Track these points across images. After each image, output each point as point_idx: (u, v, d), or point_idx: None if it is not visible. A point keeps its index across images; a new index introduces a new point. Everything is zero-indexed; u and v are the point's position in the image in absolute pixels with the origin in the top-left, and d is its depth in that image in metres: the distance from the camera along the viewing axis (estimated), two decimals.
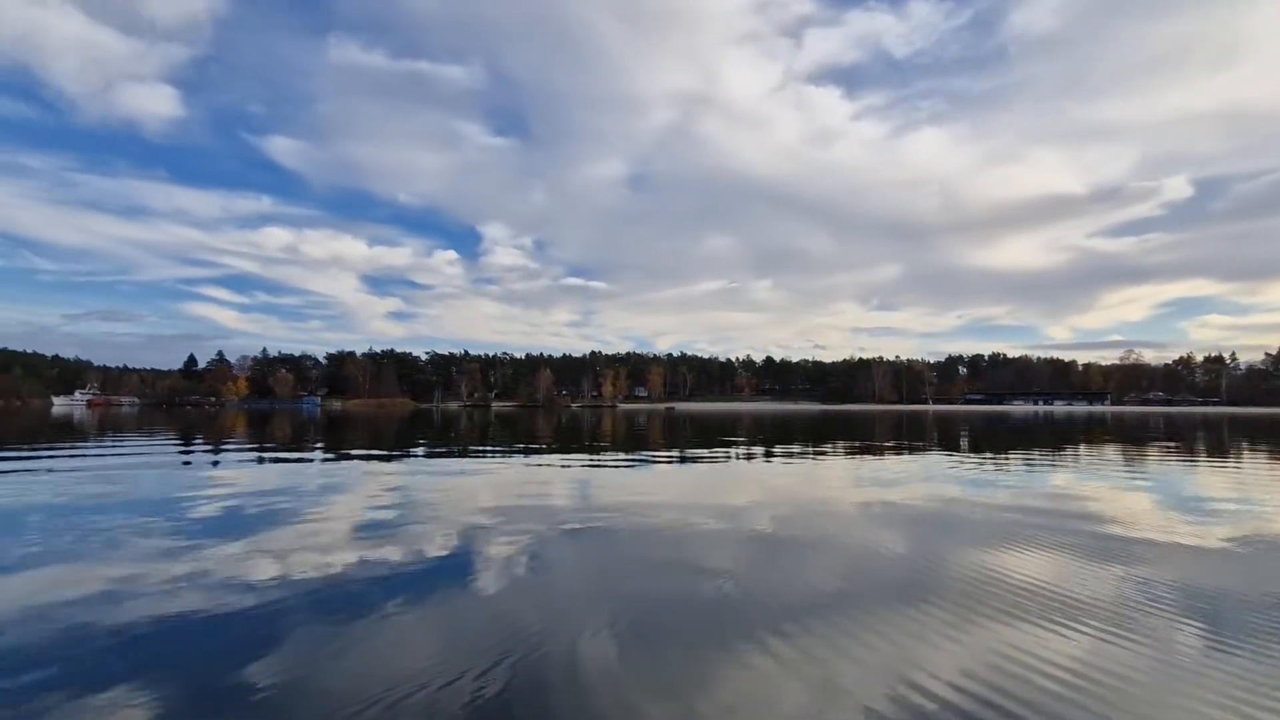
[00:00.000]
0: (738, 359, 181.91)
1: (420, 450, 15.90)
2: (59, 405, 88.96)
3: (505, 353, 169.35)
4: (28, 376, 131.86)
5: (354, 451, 15.24)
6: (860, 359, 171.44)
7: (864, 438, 22.24)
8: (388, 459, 13.26)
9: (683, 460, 13.16)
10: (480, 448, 16.65)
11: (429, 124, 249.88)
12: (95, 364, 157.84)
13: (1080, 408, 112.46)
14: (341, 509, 6.88)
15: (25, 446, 15.96)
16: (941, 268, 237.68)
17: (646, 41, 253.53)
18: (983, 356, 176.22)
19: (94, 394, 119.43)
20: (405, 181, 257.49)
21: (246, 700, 2.55)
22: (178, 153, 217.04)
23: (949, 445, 18.20)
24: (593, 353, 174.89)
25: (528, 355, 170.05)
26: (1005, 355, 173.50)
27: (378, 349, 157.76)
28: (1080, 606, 3.66)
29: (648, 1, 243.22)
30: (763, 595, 3.85)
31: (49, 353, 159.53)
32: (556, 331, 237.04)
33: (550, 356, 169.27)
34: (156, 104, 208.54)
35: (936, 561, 4.69)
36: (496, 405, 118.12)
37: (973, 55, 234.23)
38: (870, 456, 14.20)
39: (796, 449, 16.35)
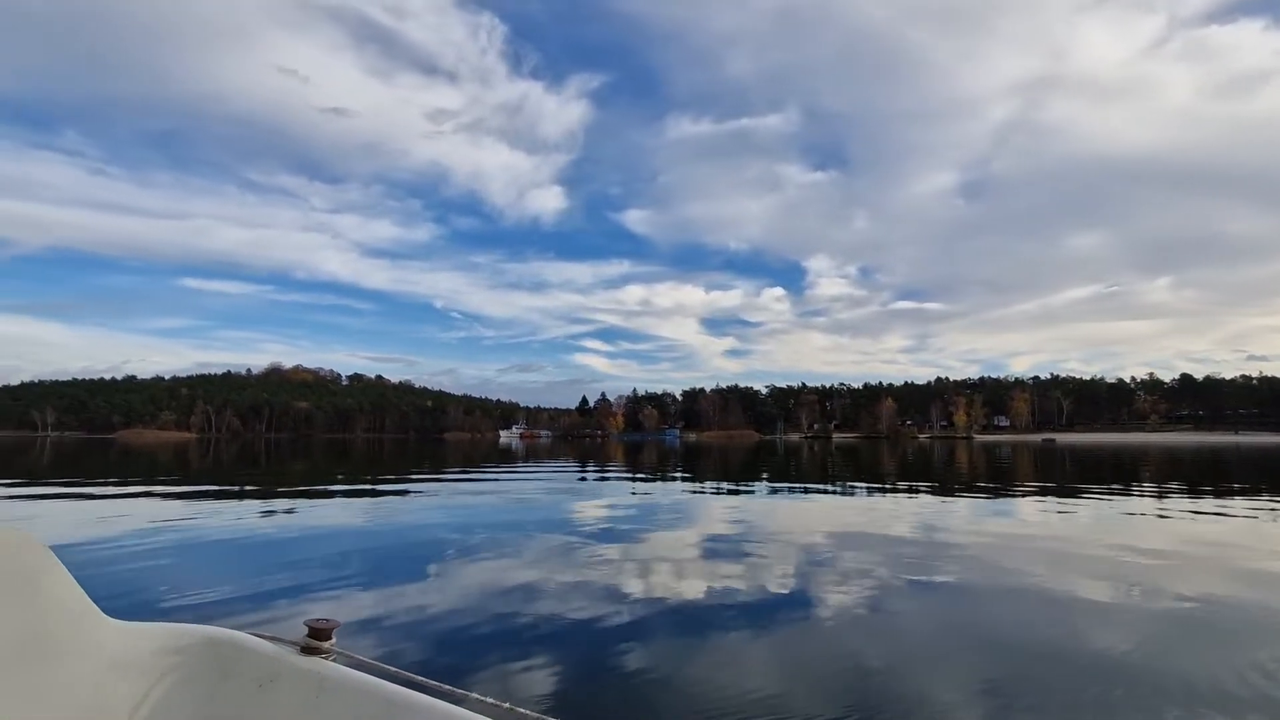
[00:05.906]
0: (1135, 379, 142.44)
1: (765, 478, 17.04)
2: (503, 437, 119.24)
3: (842, 383, 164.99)
4: (484, 416, 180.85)
5: (707, 475, 17.21)
6: None
7: None
8: (737, 482, 14.69)
9: (1061, 499, 11.34)
10: (822, 479, 16.96)
11: (752, 174, 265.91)
12: (520, 405, 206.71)
13: None
14: (698, 529, 8.11)
15: (488, 466, 22.34)
16: None
17: (972, 40, 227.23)
18: None
19: (523, 429, 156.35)
20: (734, 229, 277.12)
21: (611, 683, 2.90)
22: (562, 236, 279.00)
23: None
24: (938, 379, 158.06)
25: (866, 385, 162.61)
26: None
27: (722, 385, 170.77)
28: None
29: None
30: (1162, 682, 2.94)
31: (493, 398, 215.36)
32: (890, 359, 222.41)
33: (890, 385, 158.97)
34: (549, 201, 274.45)
35: None
36: (837, 437, 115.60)
37: None
38: None
39: (1238, 494, 12.47)
